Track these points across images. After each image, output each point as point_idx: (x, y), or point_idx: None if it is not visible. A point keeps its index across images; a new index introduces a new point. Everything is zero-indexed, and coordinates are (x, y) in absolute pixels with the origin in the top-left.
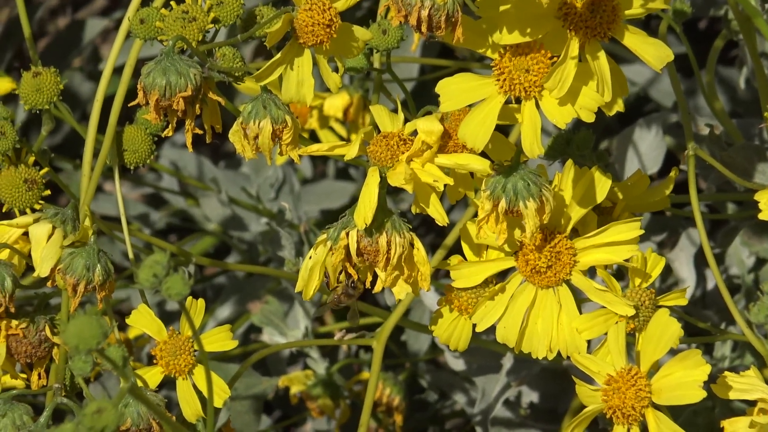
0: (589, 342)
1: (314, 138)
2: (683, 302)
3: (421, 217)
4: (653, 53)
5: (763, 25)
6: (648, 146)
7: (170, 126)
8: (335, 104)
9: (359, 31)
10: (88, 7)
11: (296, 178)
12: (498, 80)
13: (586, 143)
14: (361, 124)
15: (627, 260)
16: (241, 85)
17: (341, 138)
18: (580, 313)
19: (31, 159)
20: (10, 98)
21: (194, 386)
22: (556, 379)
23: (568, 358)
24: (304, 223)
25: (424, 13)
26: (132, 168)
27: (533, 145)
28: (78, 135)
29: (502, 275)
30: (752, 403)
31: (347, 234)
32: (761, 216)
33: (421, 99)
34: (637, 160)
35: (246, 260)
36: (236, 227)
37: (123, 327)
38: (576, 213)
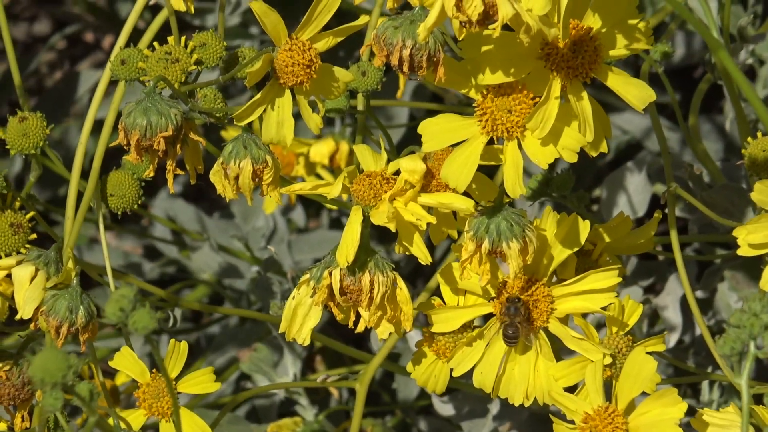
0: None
1: None
2: (661, 348)
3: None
4: (635, 94)
5: (726, 59)
6: (634, 189)
7: (151, 167)
8: (321, 151)
9: (340, 72)
10: (85, 61)
11: (288, 228)
12: (480, 120)
13: (565, 184)
14: None
15: (604, 308)
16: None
17: None
18: (557, 360)
19: (17, 204)
20: None
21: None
22: (545, 423)
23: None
24: (291, 269)
25: (406, 53)
26: (119, 213)
27: (515, 186)
28: (57, 175)
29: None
30: None
31: (330, 273)
32: (740, 252)
33: (411, 145)
34: (625, 203)
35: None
36: (230, 275)
37: (111, 374)
38: (557, 256)
